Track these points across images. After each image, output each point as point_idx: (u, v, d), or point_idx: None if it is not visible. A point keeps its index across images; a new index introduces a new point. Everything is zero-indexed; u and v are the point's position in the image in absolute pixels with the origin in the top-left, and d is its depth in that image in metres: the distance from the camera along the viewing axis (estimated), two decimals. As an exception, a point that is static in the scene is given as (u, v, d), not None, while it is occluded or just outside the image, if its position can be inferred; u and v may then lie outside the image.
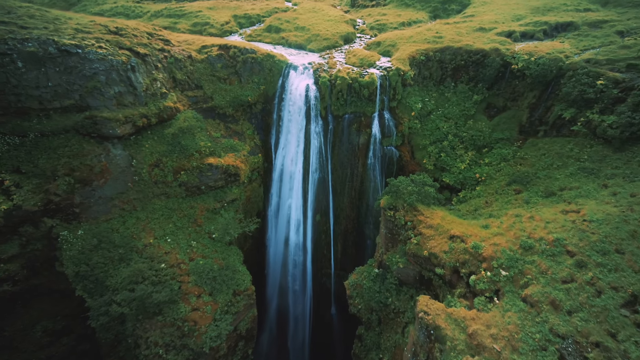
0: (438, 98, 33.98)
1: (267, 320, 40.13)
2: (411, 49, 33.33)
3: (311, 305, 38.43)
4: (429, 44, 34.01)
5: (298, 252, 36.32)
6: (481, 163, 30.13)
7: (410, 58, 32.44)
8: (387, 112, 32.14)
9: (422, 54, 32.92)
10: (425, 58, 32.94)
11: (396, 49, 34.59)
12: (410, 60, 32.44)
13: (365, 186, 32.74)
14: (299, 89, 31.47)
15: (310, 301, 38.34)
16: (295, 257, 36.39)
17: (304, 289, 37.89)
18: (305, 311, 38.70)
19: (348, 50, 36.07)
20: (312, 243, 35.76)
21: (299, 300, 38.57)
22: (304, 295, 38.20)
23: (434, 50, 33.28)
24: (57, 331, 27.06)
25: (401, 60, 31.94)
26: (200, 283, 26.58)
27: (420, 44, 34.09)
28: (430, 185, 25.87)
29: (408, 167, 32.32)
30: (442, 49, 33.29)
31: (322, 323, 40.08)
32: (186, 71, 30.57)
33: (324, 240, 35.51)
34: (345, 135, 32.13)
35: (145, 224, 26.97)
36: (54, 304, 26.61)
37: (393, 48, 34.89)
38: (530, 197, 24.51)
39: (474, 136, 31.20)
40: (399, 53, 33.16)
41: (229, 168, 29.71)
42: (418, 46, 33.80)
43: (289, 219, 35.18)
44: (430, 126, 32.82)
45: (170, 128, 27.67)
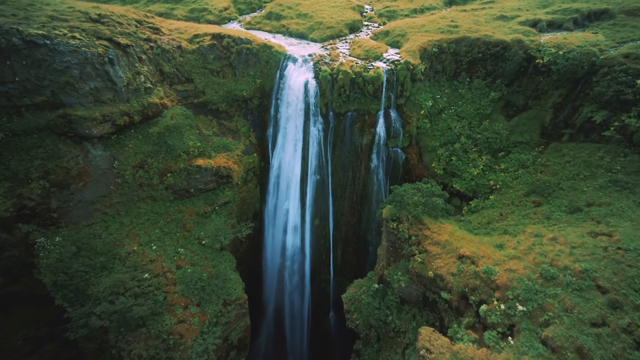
0: (451, 95, 30.88)
1: (265, 323, 38.86)
2: (423, 39, 30.08)
3: (309, 310, 36.87)
4: (443, 34, 30.66)
5: (296, 256, 34.47)
6: (496, 169, 27.27)
7: (421, 50, 29.27)
8: (393, 110, 29.29)
9: (434, 46, 29.68)
10: (438, 50, 29.71)
11: (406, 39, 31.36)
12: (421, 52, 29.27)
13: (367, 191, 30.30)
14: (297, 84, 28.82)
15: (308, 305, 36.76)
16: (293, 260, 34.58)
17: (302, 294, 36.25)
18: (303, 317, 37.21)
19: (353, 40, 32.99)
20: (311, 247, 33.80)
21: (297, 305, 37.03)
22: (302, 300, 36.60)
23: (449, 41, 29.98)
24: (40, 338, 26.01)
25: (411, 53, 28.82)
26: (188, 293, 24.95)
27: (433, 34, 30.77)
28: (438, 195, 23.30)
29: (415, 171, 29.66)
30: (457, 39, 29.95)
31: (321, 328, 38.61)
32: (175, 63, 28.18)
33: (322, 246, 33.49)
34: (347, 135, 29.53)
35: (130, 229, 25.27)
36: (36, 310, 25.44)
37: (403, 38, 31.67)
38: (551, 211, 21.75)
39: (489, 138, 28.22)
40: (409, 44, 29.98)
41: (220, 170, 27.60)
42: (430, 36, 30.50)
43: (286, 222, 33.17)
44: (441, 126, 29.90)
45: (155, 126, 25.54)
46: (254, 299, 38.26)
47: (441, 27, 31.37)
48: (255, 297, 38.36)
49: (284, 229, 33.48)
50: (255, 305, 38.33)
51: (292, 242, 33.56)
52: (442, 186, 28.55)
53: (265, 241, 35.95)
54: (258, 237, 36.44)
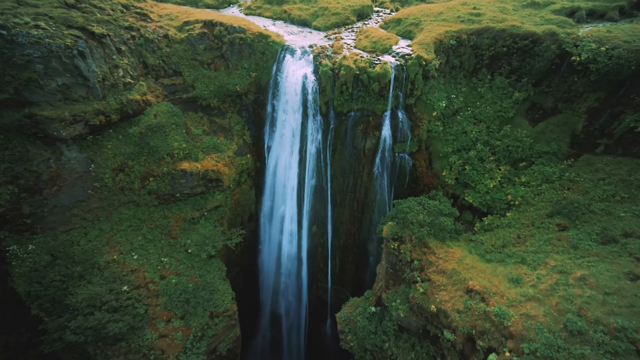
0: (468, 94, 27.35)
1: (261, 328, 37.68)
2: (439, 30, 26.40)
3: (307, 316, 35.32)
4: (463, 23, 26.84)
5: (292, 262, 32.56)
6: (516, 182, 24.07)
7: (436, 42, 25.68)
8: (401, 110, 26.13)
9: (452, 37, 25.99)
10: (457, 42, 26.03)
11: (420, 29, 27.70)
12: (436, 45, 25.69)
13: (369, 199, 27.65)
14: (294, 79, 25.91)
15: (305, 311, 35.17)
16: (289, 267, 32.71)
17: (299, 299, 34.59)
18: (300, 322, 35.72)
19: (360, 29, 29.50)
20: (308, 254, 31.75)
21: (294, 310, 35.49)
22: (300, 306, 34.98)
23: (469, 32, 26.20)
24: (22, 343, 25.21)
25: (424, 46, 25.30)
26: (171, 306, 23.39)
27: (451, 24, 27.00)
28: (447, 214, 20.51)
29: (423, 179, 26.72)
30: (479, 30, 26.13)
31: (318, 334, 37.14)
32: (161, 54, 25.60)
33: (320, 254, 31.36)
34: (348, 138, 26.67)
35: (110, 236, 23.61)
36: (16, 316, 24.45)
37: (416, 28, 28.00)
38: (579, 239, 18.73)
39: (509, 146, 24.87)
40: (423, 35, 26.38)
41: (208, 174, 25.40)
42: (448, 26, 26.76)
43: (282, 227, 31.07)
44: (455, 129, 26.61)
45: (136, 126, 23.33)
46: (250, 301, 37.02)
47: (461, 15, 27.49)
48: (251, 299, 37.10)
49: (280, 234, 31.45)
50: (252, 307, 37.10)
51: (288, 249, 31.57)
52: (453, 198, 25.67)
53: (262, 244, 34.10)
54: (254, 239, 34.64)
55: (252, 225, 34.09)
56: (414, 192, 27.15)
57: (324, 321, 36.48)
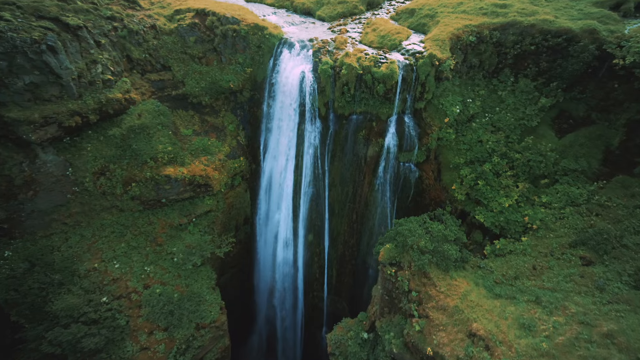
0: (487, 98, 24.26)
1: (256, 329, 36.84)
2: (457, 23, 23.16)
3: (302, 323, 34.12)
4: (486, 16, 23.47)
5: (288, 269, 31.05)
6: (535, 202, 21.29)
7: (452, 38, 22.53)
8: (409, 115, 23.41)
9: (472, 33, 22.75)
10: (477, 39, 22.79)
11: (435, 21, 24.47)
12: (453, 41, 22.55)
13: (370, 211, 25.42)
14: (291, 77, 23.46)
15: (301, 318, 33.94)
16: (284, 274, 31.25)
17: (295, 306, 33.30)
18: (296, 329, 34.59)
19: (369, 21, 26.46)
20: (304, 262, 30.13)
21: (290, 316, 34.30)
22: (295, 312, 33.72)
23: (492, 26, 22.87)
24: (6, 346, 24.87)
25: (439, 42, 22.22)
26: (154, 318, 22.28)
27: (471, 17, 23.66)
28: (453, 240, 18.15)
29: (430, 192, 24.20)
30: (504, 25, 22.76)
31: (314, 341, 36.04)
32: (147, 47, 23.54)
33: (316, 263, 29.64)
34: (349, 144, 24.25)
35: (92, 242, 22.44)
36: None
37: (431, 20, 24.78)
38: (608, 279, 16.12)
39: (530, 160, 21.94)
40: (438, 29, 23.22)
41: (196, 179, 23.67)
42: (468, 19, 23.46)
43: (277, 234, 29.40)
44: (470, 138, 23.76)
45: (117, 127, 21.63)
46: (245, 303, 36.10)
47: (484, 6, 24.03)
48: (247, 301, 36.17)
49: (275, 241, 29.84)
50: (248, 309, 36.22)
51: (283, 256, 29.98)
52: (462, 215, 23.15)
53: (257, 248, 32.63)
54: (251, 241, 33.24)
55: (247, 227, 32.60)
56: (418, 206, 24.74)
57: (320, 329, 35.24)
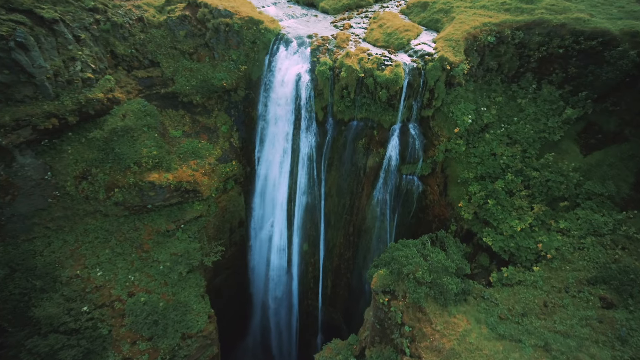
0: (504, 105, 21.71)
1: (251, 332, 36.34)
2: (474, 21, 20.47)
3: (297, 329, 33.29)
4: (508, 13, 20.66)
5: (282, 276, 29.94)
6: (552, 227, 19.04)
7: (468, 38, 19.93)
8: (414, 124, 21.20)
9: (491, 32, 20.06)
10: (497, 39, 20.11)
11: (450, 17, 21.79)
12: (469, 42, 19.96)
13: (368, 225, 23.66)
14: (287, 78, 21.49)
15: (296, 323, 33.08)
16: (279, 281, 30.18)
17: (289, 313, 32.39)
18: (291, 335, 33.80)
19: (376, 15, 23.93)
20: (298, 270, 28.90)
21: (284, 322, 33.49)
22: (290, 318, 32.84)
23: (515, 25, 20.10)
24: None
25: (452, 43, 19.69)
26: (137, 328, 21.56)
27: (491, 13, 20.89)
28: (454, 271, 16.29)
29: (433, 208, 22.17)
30: (528, 23, 19.95)
31: (308, 348, 35.30)
32: (134, 42, 21.90)
33: (311, 273, 28.33)
34: (347, 152, 22.32)
35: (75, 248, 21.63)
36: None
37: (445, 16, 22.10)
38: (631, 329, 14.07)
39: (550, 180, 19.55)
40: (453, 27, 20.61)
41: (182, 185, 22.36)
42: (488, 17, 20.72)
43: (271, 242, 28.14)
44: (482, 150, 21.44)
45: (99, 129, 20.34)
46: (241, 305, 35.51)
47: (507, 1, 21.15)
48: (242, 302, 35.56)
49: (269, 247, 28.64)
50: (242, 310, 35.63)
51: (277, 263, 28.82)
52: (468, 236, 21.16)
53: (252, 253, 31.57)
54: (246, 245, 32.21)
55: (242, 230, 31.48)
56: (420, 223, 22.81)
57: (315, 335, 34.37)
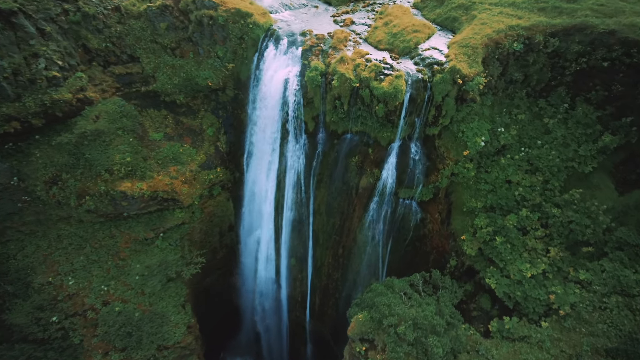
0: (527, 125, 18.35)
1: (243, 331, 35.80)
2: (499, 22, 16.89)
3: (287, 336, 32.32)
4: (543, 14, 16.91)
5: (270, 285, 28.61)
6: (570, 276, 16.16)
7: (489, 45, 16.48)
8: (416, 143, 18.31)
9: (518, 38, 16.48)
10: (525, 46, 16.54)
11: (470, 16, 18.20)
12: (489, 48, 16.52)
13: (358, 249, 21.42)
14: (274, 81, 18.93)
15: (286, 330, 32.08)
16: (267, 291, 28.89)
17: (279, 323, 31.29)
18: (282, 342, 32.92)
19: (383, 9, 20.56)
20: (287, 282, 27.39)
21: (274, 330, 32.53)
22: (280, 329, 31.80)
23: (550, 29, 16.40)
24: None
25: (468, 49, 16.33)
26: (109, 339, 20.86)
27: (522, 13, 17.19)
28: (443, 329, 13.98)
29: (432, 239, 19.58)
30: (567, 28, 16.22)
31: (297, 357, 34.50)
32: (109, 35, 19.82)
33: (299, 287, 26.72)
34: (339, 169, 19.83)
35: (48, 254, 20.79)
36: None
37: (465, 14, 18.51)
38: None
39: (573, 221, 16.45)
40: (472, 29, 17.13)
41: (158, 194, 20.77)
42: (516, 17, 17.05)
43: (258, 252, 26.59)
44: (495, 176, 18.41)
45: (67, 133, 18.79)
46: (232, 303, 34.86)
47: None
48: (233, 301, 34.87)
49: (258, 256, 27.17)
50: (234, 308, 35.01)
51: (264, 274, 27.41)
52: (469, 273, 18.59)
53: (242, 257, 30.26)
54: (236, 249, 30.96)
55: (233, 234, 30.11)
56: (417, 252, 20.34)
57: (305, 345, 33.34)
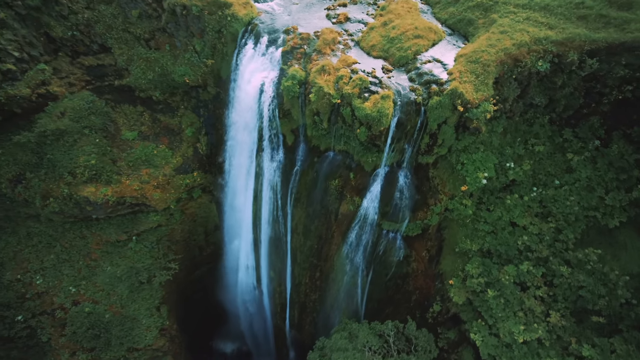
0: (544, 159, 15.10)
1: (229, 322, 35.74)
2: (522, 33, 13.34)
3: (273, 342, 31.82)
4: (583, 24, 13.14)
5: (251, 290, 27.67)
6: (570, 349, 13.58)
7: (505, 61, 13.09)
8: (406, 170, 15.60)
9: (545, 55, 12.96)
10: (553, 64, 13.06)
11: (489, 20, 14.62)
12: (505, 67, 13.15)
13: (336, 275, 19.46)
14: (251, 86, 16.53)
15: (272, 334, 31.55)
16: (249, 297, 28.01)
17: (264, 326, 30.63)
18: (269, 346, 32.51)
19: (385, 5, 17.13)
20: (268, 289, 26.26)
21: (260, 333, 32.01)
22: (265, 329, 31.21)
23: (589, 46, 12.75)
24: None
25: (478, 67, 13.07)
26: (77, 339, 20.67)
27: (555, 20, 13.47)
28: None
29: (417, 279, 17.25)
30: (614, 46, 12.50)
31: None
32: (76, 22, 17.87)
33: (278, 299, 25.47)
34: (317, 191, 17.53)
35: (18, 250, 20.37)
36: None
37: (483, 17, 14.93)
38: None
39: (585, 285, 13.59)
40: (486, 39, 13.70)
41: (125, 200, 19.49)
42: (546, 27, 13.39)
43: (239, 259, 25.39)
44: (497, 216, 15.55)
45: (27, 131, 17.50)
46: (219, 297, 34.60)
47: (588, 3, 13.41)
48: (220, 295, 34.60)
49: (238, 266, 26.05)
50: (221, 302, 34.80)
51: (246, 280, 26.37)
52: (454, 321, 16.35)
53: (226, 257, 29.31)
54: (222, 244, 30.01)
55: (219, 233, 29.04)
56: (399, 290, 18.16)
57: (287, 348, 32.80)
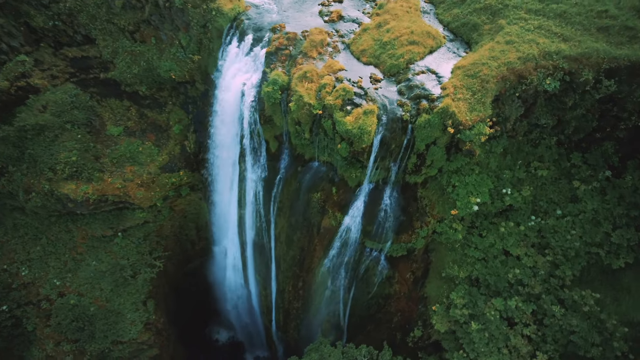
0: (547, 185, 13.58)
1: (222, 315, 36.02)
2: (531, 44, 11.59)
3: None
4: (604, 37, 11.26)
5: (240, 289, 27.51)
6: (555, 397, 12.50)
7: (507, 78, 11.48)
8: (392, 190, 14.40)
9: (554, 71, 11.28)
10: (563, 84, 11.39)
11: (495, 26, 12.86)
12: (507, 83, 11.54)
13: (318, 288, 18.70)
14: (232, 88, 15.52)
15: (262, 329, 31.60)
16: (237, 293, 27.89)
17: (254, 323, 30.61)
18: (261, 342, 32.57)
19: (381, 4, 15.47)
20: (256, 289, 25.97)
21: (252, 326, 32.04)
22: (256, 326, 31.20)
23: (607, 64, 10.98)
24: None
25: (475, 82, 11.53)
26: (61, 330, 20.99)
27: (570, 31, 11.63)
28: None
29: (399, 301, 16.29)
30: (637, 65, 10.73)
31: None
32: (58, 11, 17.06)
33: (264, 300, 25.14)
34: (300, 203, 16.56)
35: (5, 241, 20.57)
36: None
37: (489, 22, 13.15)
38: None
39: (576, 332, 12.32)
40: (488, 50, 12.03)
41: (107, 199, 19.14)
42: (559, 38, 11.56)
43: (226, 257, 25.08)
44: (489, 243, 14.28)
45: (6, 125, 17.13)
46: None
47: (612, 11, 11.49)
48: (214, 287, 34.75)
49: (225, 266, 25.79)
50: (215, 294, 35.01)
51: (234, 279, 26.17)
52: (435, 347, 15.46)
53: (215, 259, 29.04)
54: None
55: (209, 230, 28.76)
56: (380, 309, 17.30)
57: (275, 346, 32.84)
